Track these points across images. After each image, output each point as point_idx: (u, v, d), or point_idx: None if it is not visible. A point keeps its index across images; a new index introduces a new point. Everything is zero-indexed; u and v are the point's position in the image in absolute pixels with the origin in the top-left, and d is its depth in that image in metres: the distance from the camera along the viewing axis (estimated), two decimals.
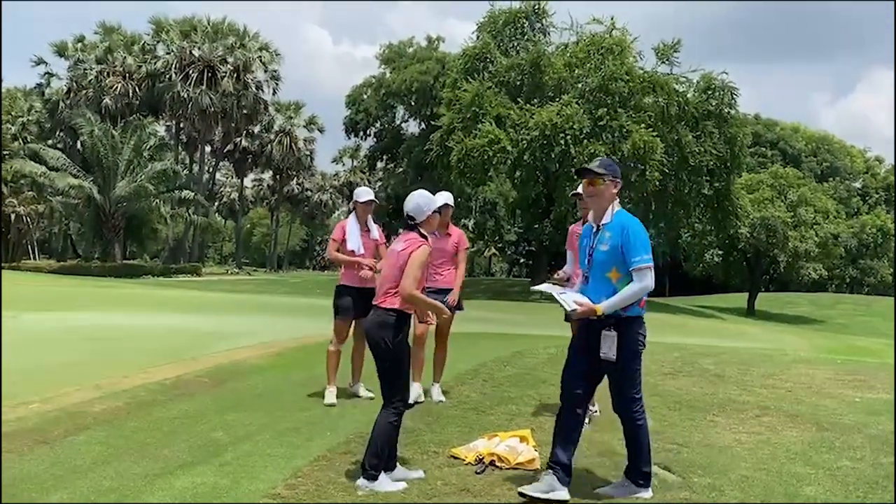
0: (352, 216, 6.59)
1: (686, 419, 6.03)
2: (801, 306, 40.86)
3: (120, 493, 4.02)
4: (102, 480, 4.22)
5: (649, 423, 4.34)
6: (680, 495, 4.25)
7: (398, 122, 53.24)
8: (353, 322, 6.46)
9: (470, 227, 53.22)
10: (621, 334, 4.03)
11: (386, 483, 4.26)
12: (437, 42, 51.53)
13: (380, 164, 58.17)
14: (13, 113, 55.94)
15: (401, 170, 52.06)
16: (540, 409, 6.17)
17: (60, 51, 51.91)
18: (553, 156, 27.32)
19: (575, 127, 26.71)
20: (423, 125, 48.99)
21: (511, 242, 56.63)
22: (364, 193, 6.60)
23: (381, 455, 4.29)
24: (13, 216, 50.09)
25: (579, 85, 29.38)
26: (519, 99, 29.15)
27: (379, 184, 61.46)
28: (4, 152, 50.40)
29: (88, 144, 43.35)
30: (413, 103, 49.57)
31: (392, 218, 51.38)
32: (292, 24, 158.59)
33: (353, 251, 6.39)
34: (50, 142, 50.41)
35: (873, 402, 6.88)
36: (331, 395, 6.28)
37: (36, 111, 54.32)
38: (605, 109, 27.56)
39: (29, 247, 55.00)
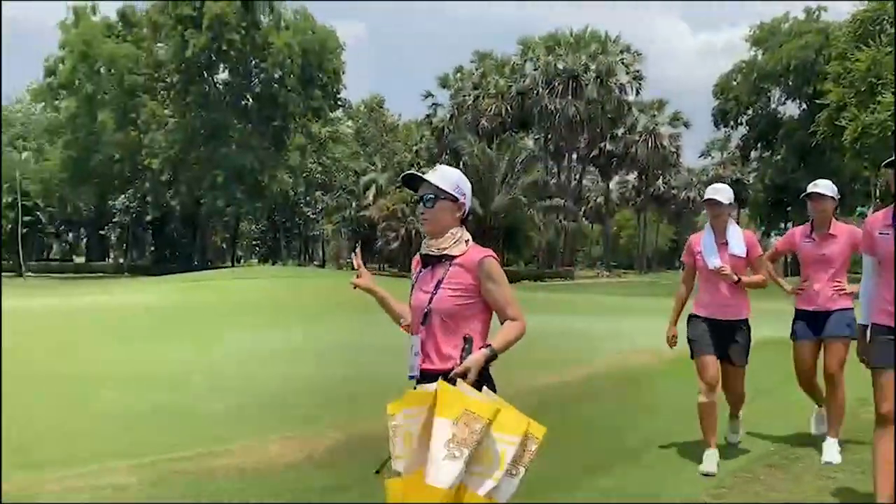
0: (707, 224, 5.00)
1: None
2: None
3: (556, 485, 4.19)
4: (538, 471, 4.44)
5: None
6: None
7: (773, 106, 49.22)
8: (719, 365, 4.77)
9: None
10: None
11: None
12: (817, 13, 46.42)
13: (753, 154, 54.33)
14: (409, 142, 64.47)
15: (779, 157, 48.00)
16: None
17: (443, 83, 58.43)
18: None
19: None
20: (803, 106, 44.59)
21: None
22: (710, 190, 4.93)
23: None
24: (413, 232, 57.48)
25: None
26: None
27: (753, 175, 57.37)
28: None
29: (469, 164, 47.90)
30: (790, 83, 45.48)
31: (771, 211, 47.62)
32: (648, 18, 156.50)
33: (709, 270, 4.74)
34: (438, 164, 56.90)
35: None
36: (709, 462, 4.53)
37: (426, 139, 61.81)
38: None
39: None
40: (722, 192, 4.83)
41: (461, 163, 51.01)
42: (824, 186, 4.93)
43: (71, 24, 49.38)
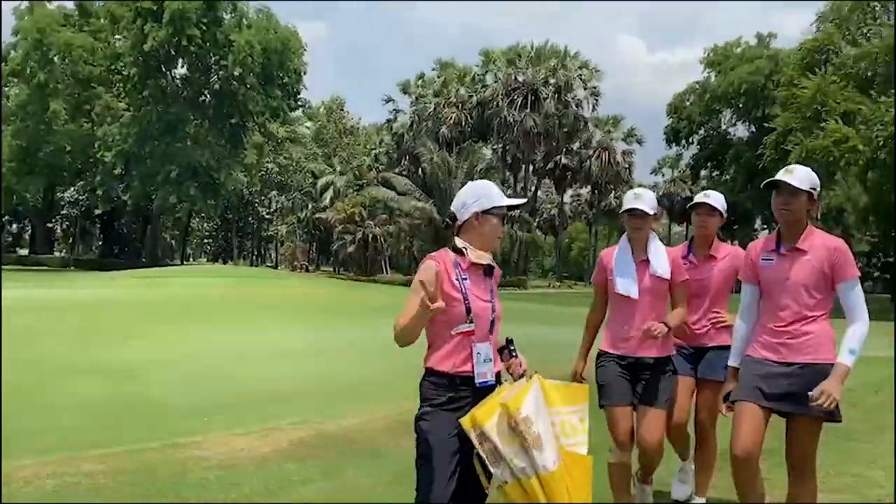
0: (623, 238, 3.92)
1: None
2: None
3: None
4: None
5: None
6: None
7: (724, 128, 50.78)
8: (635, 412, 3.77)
9: None
10: None
11: None
12: (768, 39, 48.11)
13: (703, 173, 55.87)
14: (368, 146, 64.45)
15: (727, 177, 49.41)
16: None
17: (405, 89, 58.67)
18: None
19: None
20: (753, 128, 46.09)
21: (862, 253, 50.15)
22: (632, 198, 3.85)
23: None
24: (370, 236, 57.41)
25: None
26: (871, 92, 25.92)
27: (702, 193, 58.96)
28: (363, 181, 58.11)
29: (428, 171, 48.17)
30: (741, 106, 46.95)
31: (718, 230, 48.86)
32: (607, 35, 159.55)
33: (621, 295, 3.75)
34: (397, 170, 57.02)
35: None
36: None
37: (385, 144, 61.93)
38: None
39: (382, 263, 62.45)
40: (646, 200, 3.80)
41: (420, 169, 51.32)
42: (716, 199, 4.14)
43: (25, 11, 48.16)
